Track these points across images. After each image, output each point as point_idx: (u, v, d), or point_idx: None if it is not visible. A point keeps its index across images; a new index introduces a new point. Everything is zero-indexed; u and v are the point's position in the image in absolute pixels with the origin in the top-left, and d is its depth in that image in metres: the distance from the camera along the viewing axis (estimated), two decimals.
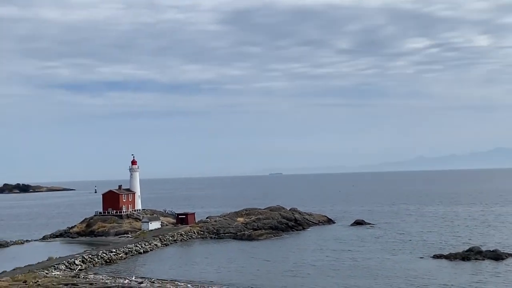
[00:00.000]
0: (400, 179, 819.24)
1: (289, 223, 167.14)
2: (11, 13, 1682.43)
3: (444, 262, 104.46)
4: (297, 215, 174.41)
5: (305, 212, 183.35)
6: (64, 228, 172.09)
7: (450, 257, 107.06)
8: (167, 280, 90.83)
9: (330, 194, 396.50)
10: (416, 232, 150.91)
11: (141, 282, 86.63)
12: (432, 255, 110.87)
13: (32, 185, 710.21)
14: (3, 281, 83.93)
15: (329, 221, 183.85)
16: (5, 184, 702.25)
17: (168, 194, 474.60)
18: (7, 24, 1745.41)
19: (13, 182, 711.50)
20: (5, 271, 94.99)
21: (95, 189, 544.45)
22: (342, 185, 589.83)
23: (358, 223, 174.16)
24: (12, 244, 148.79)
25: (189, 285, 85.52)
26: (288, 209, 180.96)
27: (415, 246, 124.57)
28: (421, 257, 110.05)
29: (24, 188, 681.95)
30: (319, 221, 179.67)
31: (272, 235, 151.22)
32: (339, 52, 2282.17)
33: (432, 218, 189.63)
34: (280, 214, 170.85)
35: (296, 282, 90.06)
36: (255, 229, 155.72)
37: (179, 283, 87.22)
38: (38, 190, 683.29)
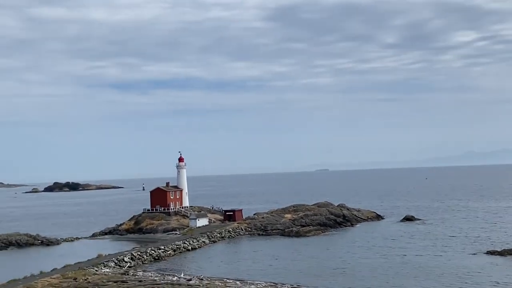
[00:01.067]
0: (450, 174, 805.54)
1: (337, 219, 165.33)
2: (60, 15, 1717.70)
3: (497, 258, 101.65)
4: (345, 211, 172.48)
5: (353, 208, 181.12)
6: (113, 225, 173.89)
7: (504, 253, 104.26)
8: (215, 277, 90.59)
9: (378, 189, 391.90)
10: (468, 228, 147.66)
11: (190, 279, 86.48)
12: (485, 252, 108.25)
13: (81, 183, 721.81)
14: (54, 278, 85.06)
15: (378, 217, 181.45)
16: (55, 183, 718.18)
17: (215, 191, 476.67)
18: (56, 26, 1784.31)
19: (63, 180, 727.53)
20: (56, 268, 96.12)
21: (143, 187, 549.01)
22: (397, 181, 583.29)
23: (408, 219, 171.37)
24: (63, 242, 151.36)
25: (237, 282, 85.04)
26: (336, 205, 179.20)
27: (467, 243, 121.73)
28: (474, 254, 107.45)
29: (73, 187, 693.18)
30: (367, 217, 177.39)
31: (320, 232, 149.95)
32: (386, 46, 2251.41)
33: (484, 213, 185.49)
34: (328, 210, 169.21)
35: (344, 280, 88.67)
36: (303, 226, 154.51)
37: (227, 280, 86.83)
38: (87, 188, 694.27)
